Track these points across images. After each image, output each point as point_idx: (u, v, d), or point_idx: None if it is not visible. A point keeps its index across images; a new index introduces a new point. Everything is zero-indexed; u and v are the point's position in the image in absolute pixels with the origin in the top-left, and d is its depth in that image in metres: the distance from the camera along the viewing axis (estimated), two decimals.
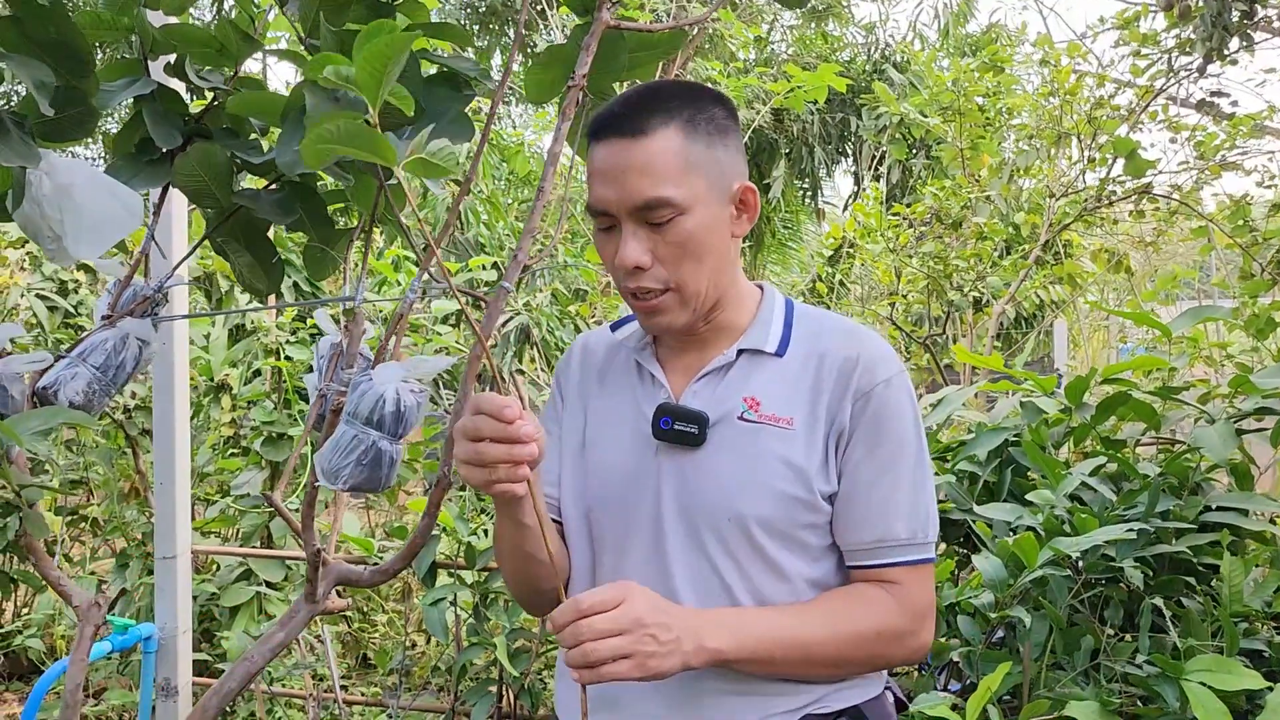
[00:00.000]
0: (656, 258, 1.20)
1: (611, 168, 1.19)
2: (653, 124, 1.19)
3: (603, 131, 1.21)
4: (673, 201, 1.18)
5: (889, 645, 1.23)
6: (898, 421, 1.24)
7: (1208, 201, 5.37)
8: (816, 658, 1.20)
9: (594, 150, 1.22)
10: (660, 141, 1.18)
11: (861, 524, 1.23)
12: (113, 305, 1.43)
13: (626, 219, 1.19)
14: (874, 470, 1.22)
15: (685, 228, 1.19)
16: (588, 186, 1.24)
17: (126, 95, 1.51)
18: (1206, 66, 3.40)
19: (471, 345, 3.89)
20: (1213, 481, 2.12)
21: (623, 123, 1.20)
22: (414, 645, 3.60)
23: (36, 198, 1.36)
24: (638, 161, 1.18)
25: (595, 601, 1.08)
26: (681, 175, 1.19)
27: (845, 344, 1.26)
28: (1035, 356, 8.72)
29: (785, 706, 1.21)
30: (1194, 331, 2.95)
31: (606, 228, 1.23)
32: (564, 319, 4.46)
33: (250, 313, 3.89)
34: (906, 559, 1.23)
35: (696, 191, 1.19)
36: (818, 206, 12.38)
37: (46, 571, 1.16)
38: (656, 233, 1.19)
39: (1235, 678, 1.62)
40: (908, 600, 1.23)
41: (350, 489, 1.13)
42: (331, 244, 1.52)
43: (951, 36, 12.18)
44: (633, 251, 1.19)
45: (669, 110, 1.20)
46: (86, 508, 3.88)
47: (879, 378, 1.24)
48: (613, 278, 1.24)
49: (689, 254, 1.20)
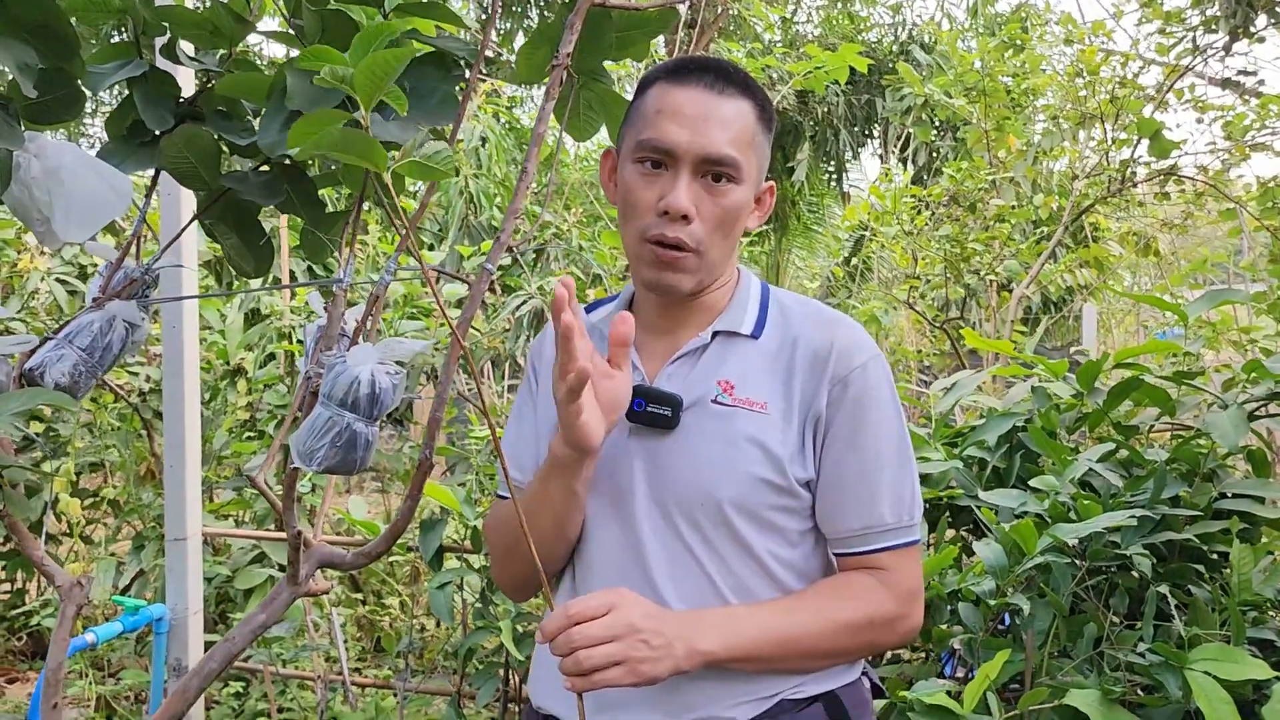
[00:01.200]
0: (700, 215, 1.19)
1: (693, 112, 1.19)
2: (736, 89, 1.21)
3: (687, 76, 1.21)
4: (739, 166, 1.19)
5: (881, 631, 1.23)
6: (876, 406, 1.23)
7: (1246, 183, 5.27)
8: (810, 651, 1.20)
9: (670, 90, 1.21)
10: (743, 108, 1.21)
11: (847, 511, 1.22)
12: (103, 288, 1.43)
13: (688, 167, 1.19)
14: (857, 457, 1.22)
15: (734, 198, 1.20)
16: (648, 123, 1.21)
17: (118, 77, 1.51)
18: (1232, 44, 3.32)
19: (484, 330, 3.90)
20: (1229, 469, 2.08)
21: (710, 74, 1.21)
22: (423, 629, 3.62)
23: (25, 180, 1.36)
24: (721, 115, 1.19)
25: (585, 608, 1.08)
26: (748, 146, 1.21)
27: (819, 330, 1.25)
28: (1065, 342, 8.63)
29: (762, 692, 1.21)
30: (1223, 316, 2.89)
31: (655, 170, 1.21)
32: (579, 303, 4.43)
33: (255, 294, 3.92)
34: (893, 543, 1.23)
35: (750, 170, 1.22)
36: (843, 190, 12.28)
37: (29, 551, 1.16)
38: (708, 191, 1.19)
39: (1241, 667, 1.59)
40: (896, 584, 1.23)
41: (325, 471, 1.12)
42: (322, 225, 1.52)
43: (980, 16, 12.01)
44: (685, 198, 1.18)
45: (750, 87, 1.23)
46: (105, 490, 3.92)
47: (855, 363, 1.22)
48: (639, 223, 1.21)
49: (725, 223, 1.21)
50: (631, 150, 1.23)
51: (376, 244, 4.53)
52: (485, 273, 1.22)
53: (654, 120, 1.20)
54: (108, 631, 2.47)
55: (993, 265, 4.76)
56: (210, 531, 3.08)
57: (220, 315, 4.08)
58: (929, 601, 1.90)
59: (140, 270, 1.39)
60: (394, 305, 3.83)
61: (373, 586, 3.89)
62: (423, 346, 1.14)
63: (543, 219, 4.31)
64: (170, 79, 1.51)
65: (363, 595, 3.84)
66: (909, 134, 9.10)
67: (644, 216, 1.20)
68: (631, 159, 1.23)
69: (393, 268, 1.19)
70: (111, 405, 3.84)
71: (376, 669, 3.60)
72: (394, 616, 3.74)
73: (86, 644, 2.41)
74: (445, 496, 2.40)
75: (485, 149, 5.55)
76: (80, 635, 2.43)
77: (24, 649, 4.06)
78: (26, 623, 3.97)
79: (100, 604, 3.51)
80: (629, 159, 1.23)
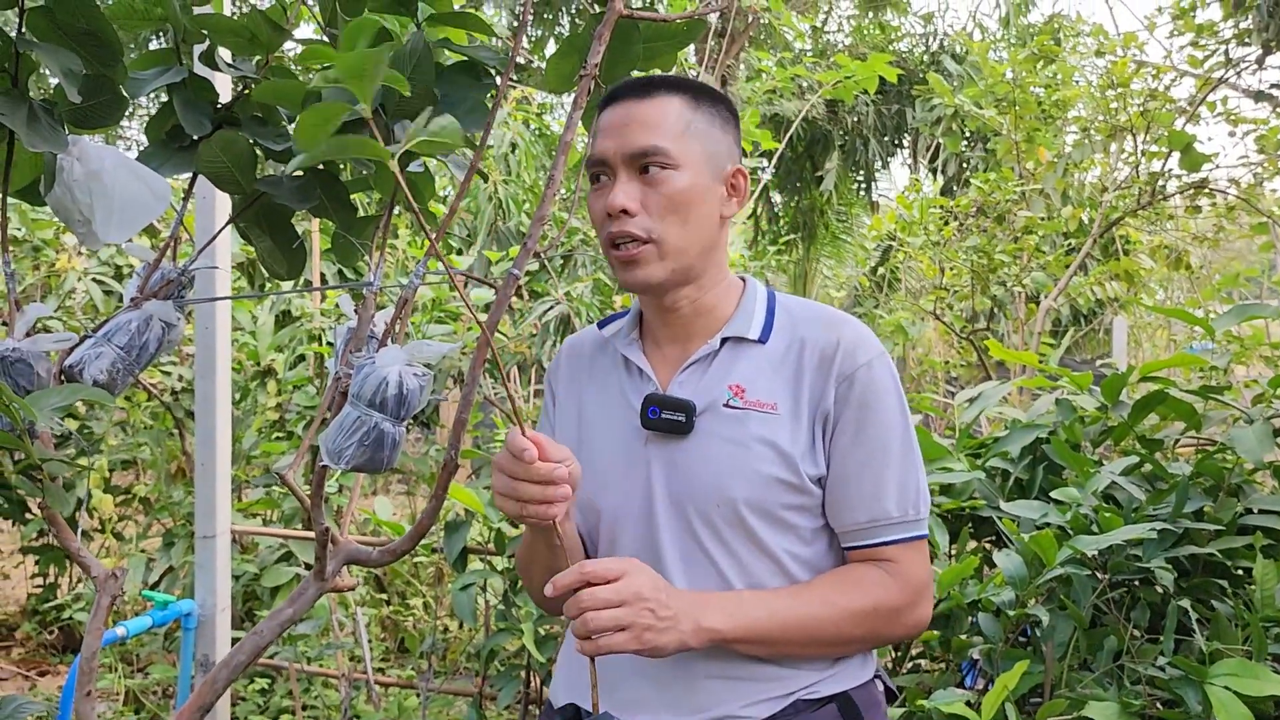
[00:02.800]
0: (644, 207, 1.24)
1: (616, 122, 1.26)
2: (662, 91, 1.27)
3: (615, 98, 1.28)
4: (667, 153, 1.24)
5: (887, 621, 1.25)
6: (882, 403, 1.25)
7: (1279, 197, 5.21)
8: (815, 636, 1.21)
9: (603, 114, 1.29)
10: (664, 103, 1.26)
11: (854, 506, 1.25)
12: (141, 288, 1.47)
13: (621, 168, 1.25)
14: (862, 453, 1.24)
15: (676, 184, 1.24)
16: (591, 147, 1.29)
17: (158, 83, 1.54)
18: (1266, 57, 3.29)
19: (510, 335, 3.93)
20: (1255, 484, 2.07)
21: (635, 90, 1.28)
22: (446, 630, 3.65)
23: (67, 182, 1.41)
24: (641, 116, 1.25)
25: (599, 570, 1.10)
26: (679, 135, 1.25)
27: (825, 330, 1.28)
28: (1094, 355, 8.56)
29: (776, 692, 1.22)
30: (1254, 331, 2.88)
31: (600, 184, 1.28)
32: (606, 310, 4.49)
33: (287, 296, 3.97)
34: (900, 537, 1.25)
35: (691, 155, 1.26)
36: (872, 199, 12.24)
37: (67, 543, 1.20)
38: (648, 185, 1.24)
39: (1262, 683, 1.58)
40: (904, 576, 1.25)
41: (352, 469, 1.15)
42: (353, 230, 1.55)
43: (1012, 26, 11.95)
44: (621, 195, 1.23)
45: (677, 85, 1.29)
46: (136, 487, 3.98)
47: (860, 361, 1.25)
48: (598, 231, 1.29)
49: (675, 209, 1.25)
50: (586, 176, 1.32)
51: (406, 248, 4.58)
52: (512, 277, 1.24)
53: (593, 143, 1.29)
54: (138, 626, 2.51)
55: (1020, 277, 4.74)
56: (239, 529, 3.12)
57: (252, 316, 4.14)
58: (949, 611, 1.90)
59: (177, 271, 1.43)
60: (422, 309, 3.88)
61: (397, 587, 3.93)
62: (450, 349, 1.17)
63: (570, 224, 4.34)
64: (208, 85, 1.54)
65: (387, 596, 3.88)
66: (939, 144, 9.06)
67: (601, 227, 1.27)
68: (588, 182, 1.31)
69: (421, 272, 1.22)
70: (144, 404, 3.90)
71: (400, 669, 3.64)
72: (418, 617, 3.77)
73: (117, 637, 2.46)
74: (470, 499, 2.43)
75: (515, 155, 5.60)
76: (111, 629, 2.48)
77: (55, 642, 4.13)
78: (58, 616, 4.04)
79: (130, 599, 3.56)
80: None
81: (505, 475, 1.11)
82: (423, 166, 1.66)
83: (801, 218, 11.92)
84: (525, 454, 1.08)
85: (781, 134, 7.75)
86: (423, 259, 1.26)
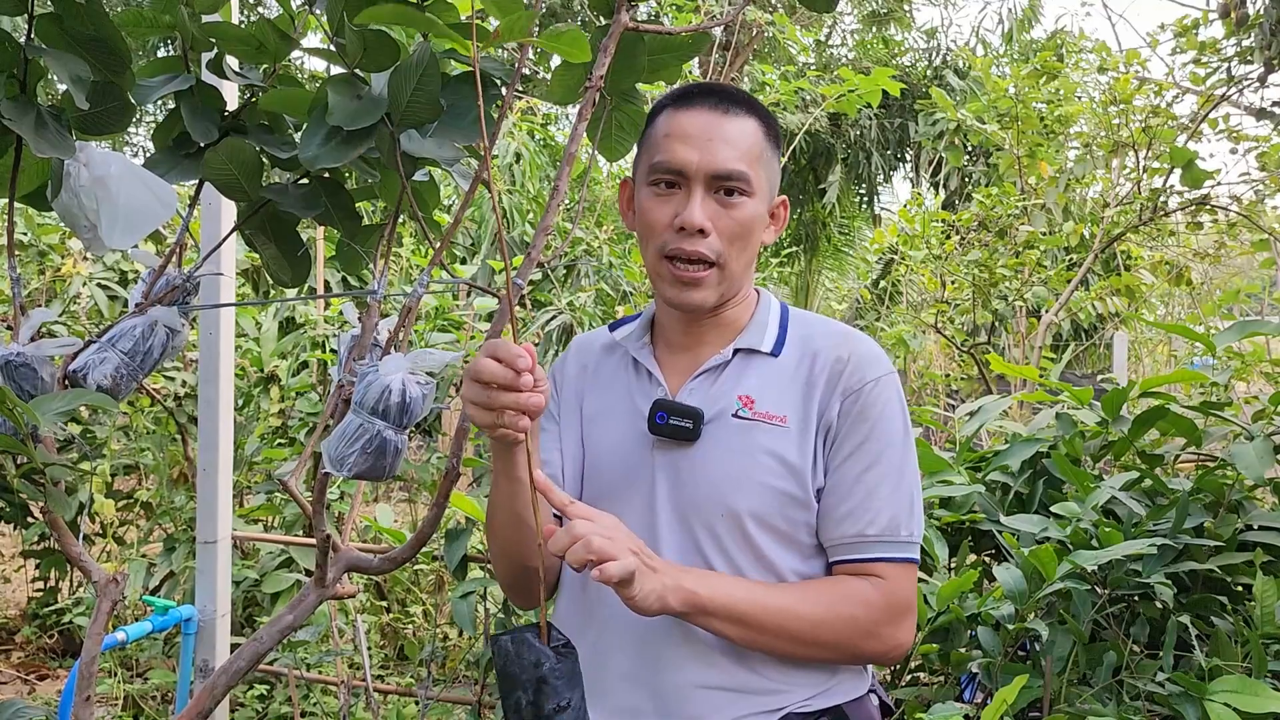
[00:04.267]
0: (716, 229, 1.24)
1: (700, 132, 1.24)
2: (741, 109, 1.27)
3: (692, 100, 1.27)
4: (749, 180, 1.24)
5: (864, 635, 1.22)
6: (885, 420, 1.25)
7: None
8: (789, 630, 1.20)
9: (676, 115, 1.27)
10: (748, 125, 1.26)
11: (844, 518, 1.24)
12: (146, 294, 1.48)
13: (700, 184, 1.23)
14: (858, 466, 1.24)
15: (748, 210, 1.25)
16: (658, 148, 1.27)
17: (165, 91, 1.56)
18: (1268, 75, 3.31)
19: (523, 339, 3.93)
20: (1255, 500, 2.07)
21: (713, 98, 1.26)
22: (446, 638, 3.64)
23: (74, 188, 1.41)
24: (727, 133, 1.24)
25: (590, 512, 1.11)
26: (756, 161, 1.25)
27: (837, 344, 1.29)
28: (1095, 370, 8.56)
29: (769, 705, 1.22)
30: (1255, 348, 2.88)
31: (669, 189, 1.26)
32: (608, 319, 4.50)
33: (290, 303, 3.98)
34: (887, 555, 1.24)
35: (760, 183, 1.26)
36: (875, 212, 12.27)
37: (68, 547, 1.20)
38: (722, 206, 1.24)
39: (1261, 700, 1.58)
40: (888, 594, 1.23)
41: (355, 476, 1.16)
42: (357, 238, 1.56)
43: (1015, 42, 11.99)
44: (701, 213, 1.22)
45: (753, 106, 1.29)
46: (138, 492, 3.99)
47: (868, 377, 1.26)
48: (656, 241, 1.26)
49: (741, 236, 1.25)
50: (645, 175, 1.28)
51: (411, 256, 4.59)
52: (515, 287, 1.25)
53: (664, 144, 1.26)
54: (137, 630, 2.52)
55: (1021, 291, 4.75)
56: (240, 535, 3.12)
57: (256, 323, 4.15)
58: (948, 625, 1.90)
59: (182, 277, 1.43)
60: (426, 317, 3.88)
61: (397, 595, 3.92)
62: (452, 358, 1.17)
63: (574, 234, 4.35)
64: (216, 93, 1.55)
65: (387, 603, 3.88)
66: (941, 158, 9.08)
67: (661, 235, 1.25)
68: (646, 183, 1.28)
69: (425, 280, 1.23)
70: (148, 409, 3.91)
71: (399, 676, 3.63)
72: (417, 625, 3.77)
73: (117, 642, 2.46)
74: (471, 507, 2.43)
75: (519, 165, 5.62)
76: (111, 634, 2.48)
77: (55, 646, 4.13)
78: (58, 621, 4.04)
79: (131, 604, 3.56)
80: (644, 184, 1.29)
81: (480, 385, 1.07)
82: (428, 176, 1.67)
83: (804, 230, 11.94)
84: (520, 361, 1.05)
85: (785, 147, 7.77)
86: (426, 268, 1.27)
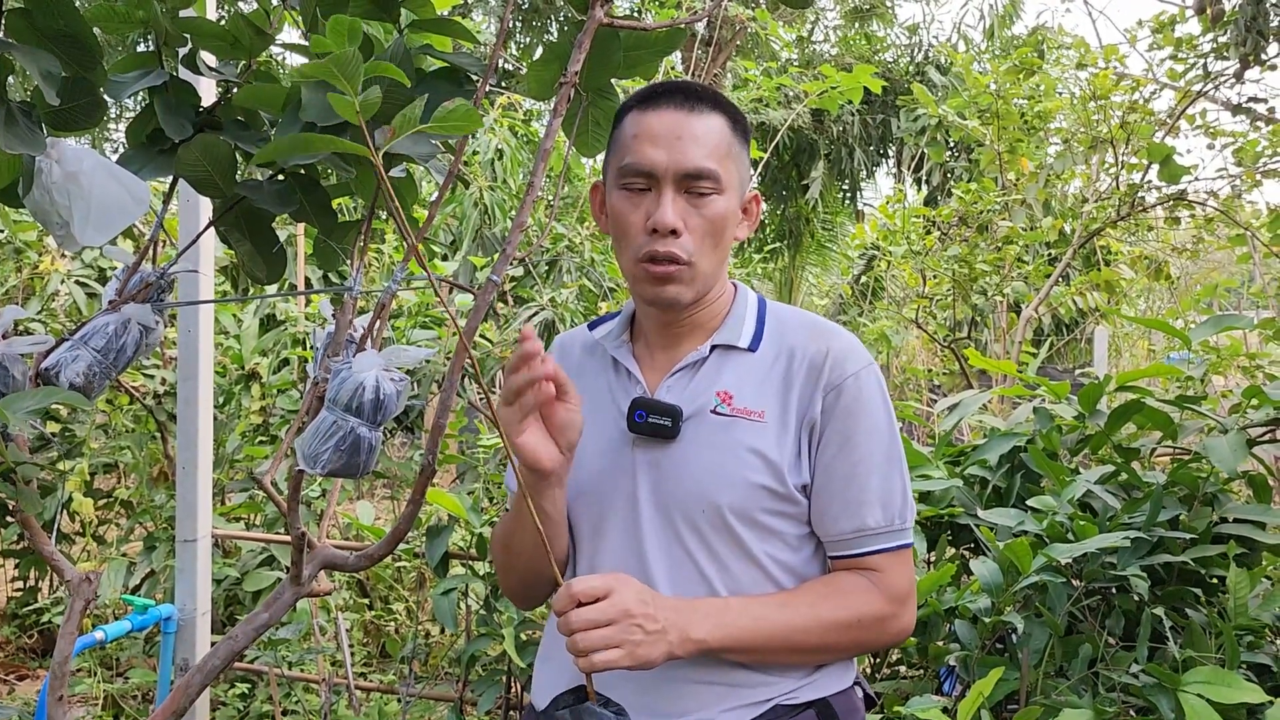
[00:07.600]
0: (687, 228, 1.24)
1: (666, 132, 1.23)
2: (707, 106, 1.26)
3: (657, 100, 1.26)
4: (718, 177, 1.23)
5: (871, 630, 1.26)
6: (868, 413, 1.26)
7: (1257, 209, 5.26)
8: (799, 645, 1.22)
9: (643, 116, 1.26)
10: (715, 121, 1.25)
11: (839, 515, 1.25)
12: (119, 291, 1.47)
13: (670, 184, 1.23)
14: (848, 463, 1.25)
15: (719, 207, 1.24)
16: (627, 149, 1.26)
17: (139, 86, 1.54)
18: (1244, 71, 3.33)
19: (497, 341, 3.94)
20: (1230, 493, 2.08)
21: (679, 96, 1.26)
22: (427, 635, 3.64)
23: (46, 185, 1.40)
24: (694, 131, 1.24)
25: (585, 589, 1.11)
26: (725, 158, 1.25)
27: (815, 339, 1.29)
28: (1076, 364, 8.61)
29: (756, 697, 1.23)
30: (1232, 342, 2.90)
31: (640, 191, 1.25)
32: (591, 315, 4.50)
33: (271, 300, 3.96)
34: (884, 546, 1.26)
35: (730, 179, 1.26)
36: (857, 208, 12.30)
37: (40, 546, 1.19)
38: (692, 205, 1.24)
39: (1234, 690, 1.60)
40: (888, 585, 1.26)
41: (329, 474, 1.15)
42: (334, 235, 1.55)
43: (996, 38, 12.03)
44: (672, 213, 1.22)
45: (719, 102, 1.28)
46: (118, 490, 3.96)
47: (849, 371, 1.26)
48: (631, 242, 1.26)
49: (713, 233, 1.25)
50: (615, 177, 1.28)
51: (392, 253, 4.57)
52: (490, 284, 1.25)
53: (632, 145, 1.25)
54: (117, 630, 2.50)
55: (1001, 286, 4.78)
56: (221, 534, 3.11)
57: (236, 320, 4.12)
58: (926, 618, 1.91)
59: (156, 274, 1.43)
60: (407, 314, 3.87)
61: (379, 592, 3.91)
62: (427, 354, 1.17)
63: (554, 230, 4.34)
64: (190, 89, 1.54)
65: (369, 600, 3.87)
66: (923, 154, 9.11)
67: (636, 237, 1.25)
68: (616, 185, 1.28)
69: (399, 277, 1.23)
70: (127, 407, 3.88)
71: (381, 674, 3.63)
72: (399, 622, 3.76)
73: (95, 641, 2.44)
74: (451, 503, 2.43)
75: (501, 162, 5.61)
76: (90, 633, 2.46)
77: (35, 646, 4.10)
78: (38, 620, 4.01)
79: (110, 603, 3.54)
80: (614, 186, 1.28)
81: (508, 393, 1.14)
82: (405, 172, 1.66)
83: (787, 226, 11.96)
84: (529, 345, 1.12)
85: (767, 143, 7.78)
86: (401, 263, 1.26)
